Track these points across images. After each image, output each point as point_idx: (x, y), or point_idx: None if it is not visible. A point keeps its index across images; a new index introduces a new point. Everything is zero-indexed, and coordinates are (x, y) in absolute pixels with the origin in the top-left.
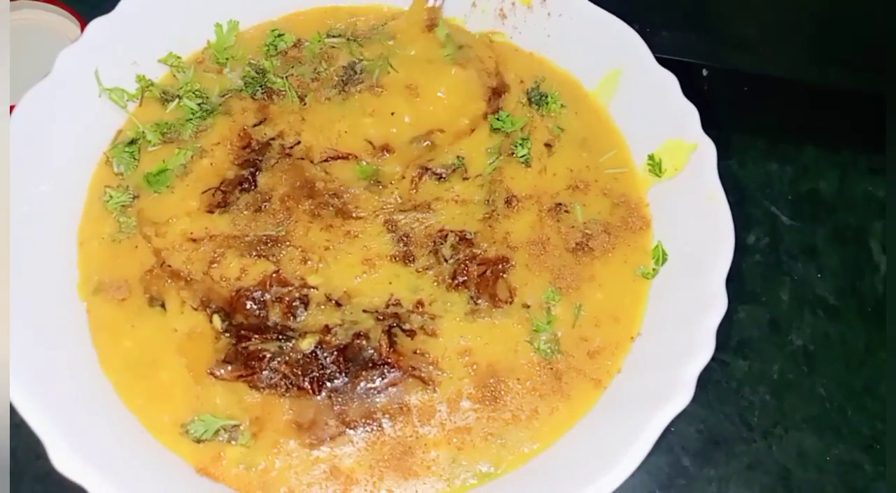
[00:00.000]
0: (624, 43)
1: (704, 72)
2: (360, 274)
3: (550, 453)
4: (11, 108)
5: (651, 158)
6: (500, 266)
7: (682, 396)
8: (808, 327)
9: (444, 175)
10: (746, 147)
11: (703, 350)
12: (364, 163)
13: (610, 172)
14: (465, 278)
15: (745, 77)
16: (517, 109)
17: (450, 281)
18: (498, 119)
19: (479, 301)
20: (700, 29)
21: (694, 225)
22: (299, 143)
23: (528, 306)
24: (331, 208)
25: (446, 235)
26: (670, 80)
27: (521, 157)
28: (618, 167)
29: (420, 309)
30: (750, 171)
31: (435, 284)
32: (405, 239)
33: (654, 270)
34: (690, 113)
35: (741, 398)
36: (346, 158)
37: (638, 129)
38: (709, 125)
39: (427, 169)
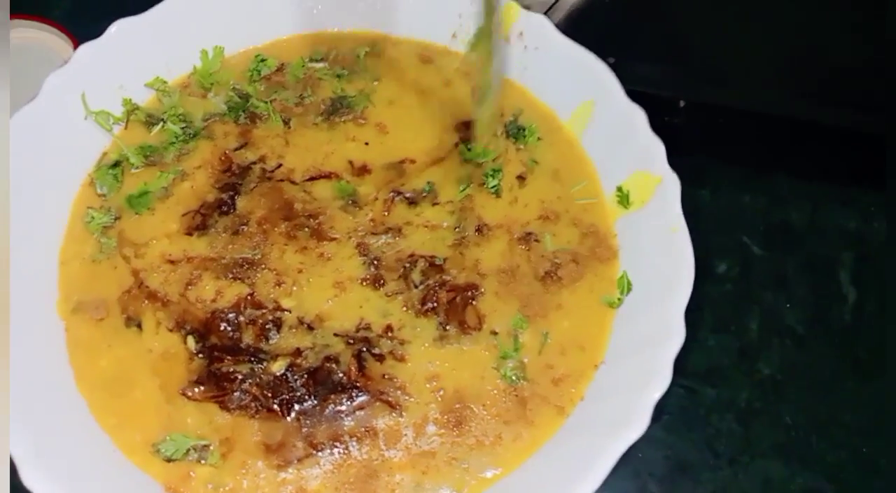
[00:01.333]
0: (596, 77)
1: (681, 103)
2: (332, 297)
3: (512, 478)
4: None
5: (619, 189)
6: (469, 293)
7: (639, 423)
8: (776, 355)
9: (415, 200)
10: (720, 177)
11: (661, 379)
12: (344, 181)
13: (580, 202)
14: (435, 304)
15: (721, 109)
16: (492, 140)
17: (419, 307)
18: (468, 149)
19: (448, 328)
20: (676, 62)
21: (657, 256)
22: (280, 166)
23: (496, 333)
24: (306, 230)
25: (416, 261)
26: (639, 115)
27: (492, 187)
28: (588, 198)
29: (389, 334)
30: (723, 201)
31: (404, 309)
32: (376, 263)
33: (619, 299)
34: (657, 147)
35: (708, 426)
36: (328, 177)
37: (608, 160)
38: (683, 154)
39: (399, 193)
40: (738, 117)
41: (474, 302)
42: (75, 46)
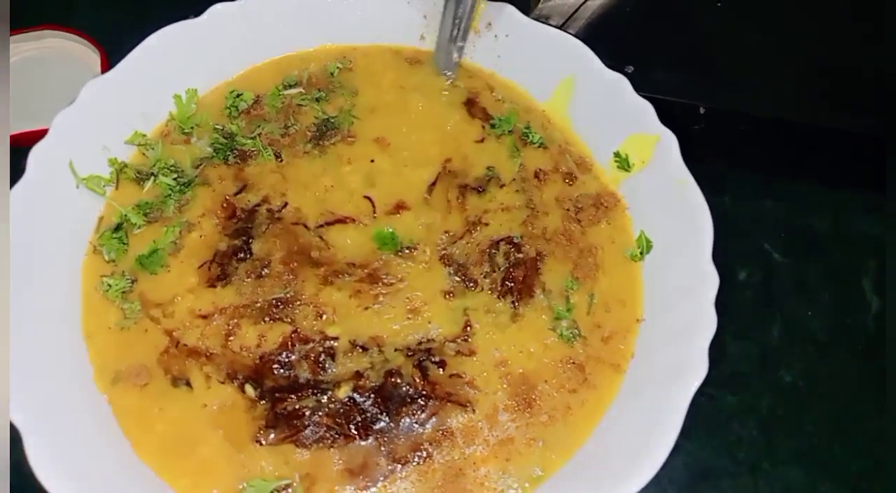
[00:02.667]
0: (572, 52)
1: (701, 110)
2: (404, 320)
3: (591, 443)
4: (18, 136)
5: (617, 154)
6: (537, 263)
7: (698, 369)
8: (798, 362)
9: (482, 188)
10: (741, 183)
11: (707, 325)
12: (362, 225)
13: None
14: (512, 283)
15: (742, 115)
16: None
17: (500, 289)
18: (493, 125)
19: (519, 304)
20: (695, 70)
21: (671, 210)
22: (286, 205)
23: (550, 292)
24: (347, 277)
25: (498, 244)
26: (622, 81)
27: (537, 141)
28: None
29: (466, 332)
30: (744, 207)
31: (490, 293)
32: (462, 269)
33: (640, 253)
34: (646, 108)
35: (729, 432)
36: (343, 222)
37: (599, 130)
38: (704, 161)
39: (465, 186)
40: (759, 123)
41: (540, 272)
42: (102, 57)
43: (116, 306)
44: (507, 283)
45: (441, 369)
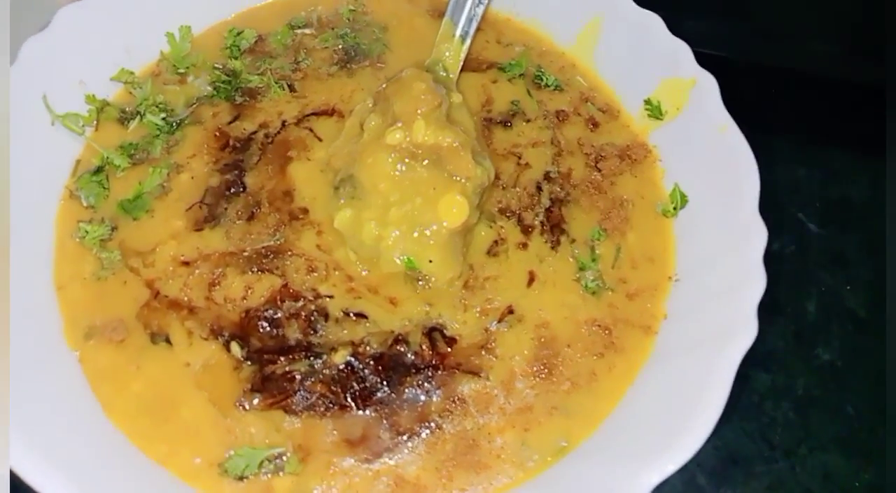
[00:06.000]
0: None
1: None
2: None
3: (620, 412)
4: None
5: (648, 102)
6: (563, 201)
7: (746, 329)
8: (836, 340)
9: (508, 122)
10: (773, 150)
11: (756, 281)
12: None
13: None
14: (551, 222)
15: (772, 74)
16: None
17: (541, 227)
18: (503, 69)
19: (556, 247)
20: (727, 17)
21: (710, 161)
22: (285, 123)
23: (574, 240)
24: None
25: (541, 185)
26: (654, 20)
27: (552, 83)
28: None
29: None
30: (776, 175)
31: (542, 241)
32: (519, 217)
33: (673, 209)
34: (682, 49)
35: (763, 414)
36: (330, 114)
37: (627, 75)
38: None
39: (490, 120)
40: (791, 84)
41: (564, 217)
42: None
43: (94, 254)
44: (544, 224)
45: (450, 347)
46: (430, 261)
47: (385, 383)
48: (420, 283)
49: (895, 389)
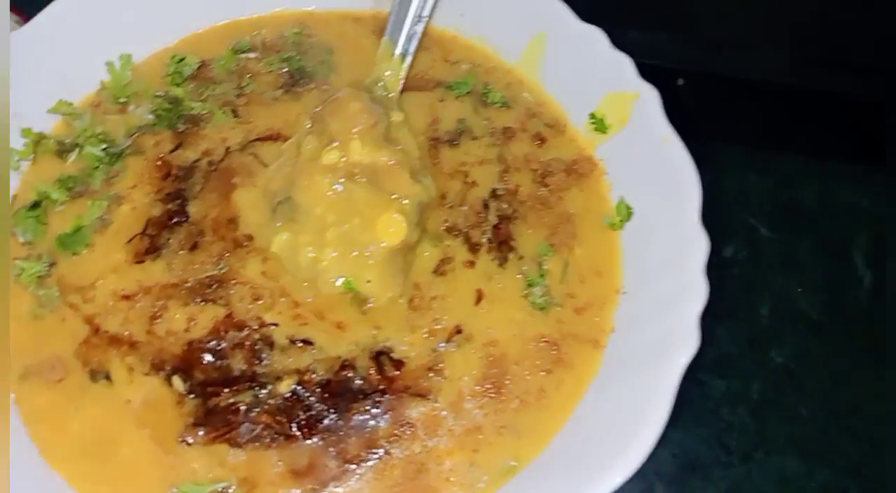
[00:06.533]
0: (542, 7)
1: (680, 81)
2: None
3: (569, 429)
4: None
5: (593, 116)
6: (511, 218)
7: (687, 341)
8: (789, 343)
9: (455, 141)
10: (724, 157)
11: (697, 292)
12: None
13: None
14: (498, 239)
15: (721, 83)
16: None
17: (488, 245)
18: (450, 87)
19: (504, 264)
20: (673, 29)
21: (653, 172)
22: (229, 149)
23: (522, 257)
24: None
25: (488, 203)
26: (597, 35)
27: (498, 100)
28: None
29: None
30: (728, 181)
31: (488, 257)
32: (467, 235)
33: (619, 222)
34: (624, 63)
35: (719, 420)
36: (275, 139)
37: (573, 89)
38: (683, 134)
39: (437, 139)
40: (740, 92)
41: (512, 234)
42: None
43: (30, 292)
44: (491, 241)
45: (397, 370)
46: (369, 281)
47: (332, 410)
48: (366, 305)
49: None
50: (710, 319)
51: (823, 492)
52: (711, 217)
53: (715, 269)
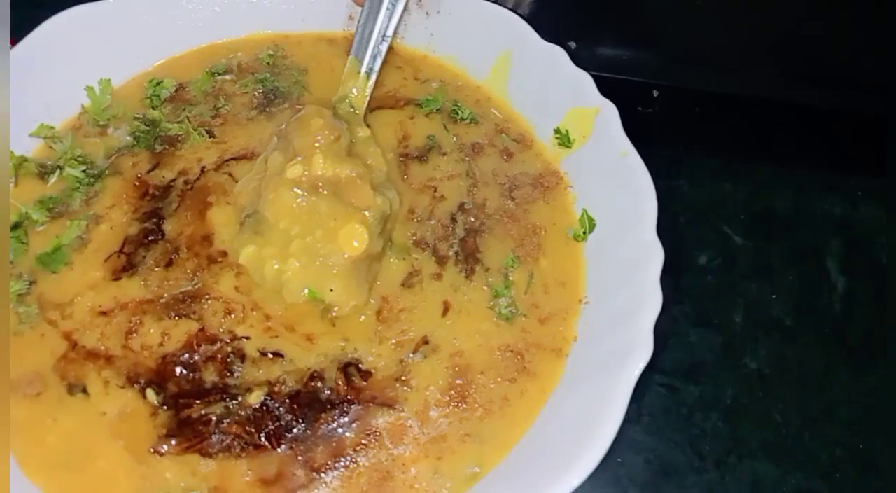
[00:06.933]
0: (508, 26)
1: (655, 93)
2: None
3: (531, 436)
4: None
5: (557, 131)
6: (478, 231)
7: (643, 349)
8: (762, 349)
9: (424, 157)
10: (698, 166)
11: (652, 302)
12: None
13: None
14: (466, 252)
15: (696, 95)
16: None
17: (456, 257)
18: (419, 104)
19: (471, 275)
20: (645, 44)
21: (614, 185)
22: (204, 169)
23: (489, 269)
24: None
25: (456, 217)
26: (559, 53)
27: (467, 117)
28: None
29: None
30: (702, 191)
31: (456, 268)
32: (434, 248)
33: (583, 233)
34: (585, 79)
35: (692, 426)
36: (250, 158)
37: (539, 106)
38: (659, 144)
39: (406, 155)
40: (714, 103)
41: (479, 246)
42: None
43: (11, 310)
44: (462, 251)
45: (365, 381)
46: (332, 290)
47: (300, 420)
48: (331, 314)
49: None
50: (686, 325)
51: None
52: (686, 226)
53: (690, 277)
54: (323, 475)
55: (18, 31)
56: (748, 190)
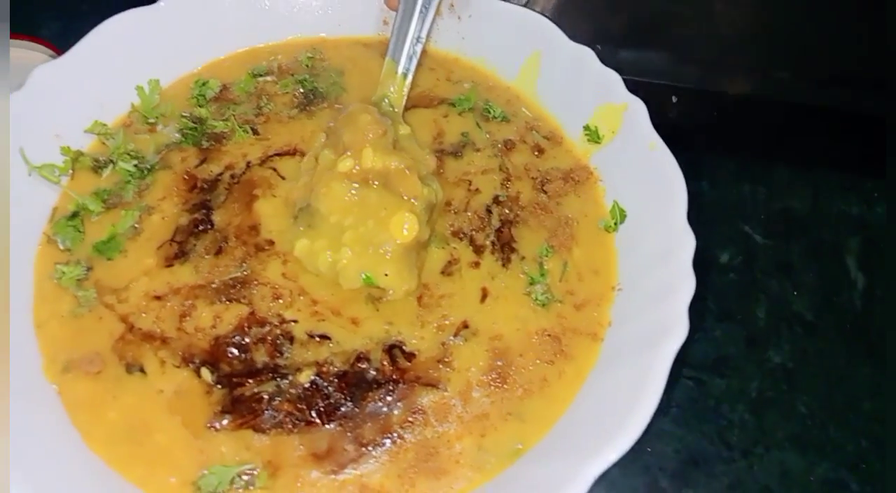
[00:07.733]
0: (537, 28)
1: (674, 99)
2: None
3: (571, 414)
4: None
5: (587, 127)
6: (513, 222)
7: (678, 328)
8: (785, 343)
9: (459, 153)
10: (718, 168)
11: (685, 286)
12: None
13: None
14: (502, 242)
15: (714, 99)
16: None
17: (492, 247)
18: (452, 104)
19: (507, 264)
20: (666, 48)
21: (643, 176)
22: (249, 164)
23: (524, 258)
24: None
25: (491, 209)
26: (587, 53)
27: (499, 115)
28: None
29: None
30: (722, 192)
31: (492, 257)
32: (471, 238)
33: (615, 224)
34: (613, 78)
35: (720, 417)
36: (292, 153)
37: (568, 104)
38: (679, 148)
39: (441, 151)
40: (733, 107)
41: (514, 236)
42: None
43: (70, 293)
44: (498, 242)
45: (409, 361)
46: (387, 274)
47: (348, 398)
48: (386, 298)
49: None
50: (711, 320)
51: (824, 485)
52: (707, 225)
53: (713, 274)
54: (372, 449)
55: (71, 34)
56: (767, 191)
